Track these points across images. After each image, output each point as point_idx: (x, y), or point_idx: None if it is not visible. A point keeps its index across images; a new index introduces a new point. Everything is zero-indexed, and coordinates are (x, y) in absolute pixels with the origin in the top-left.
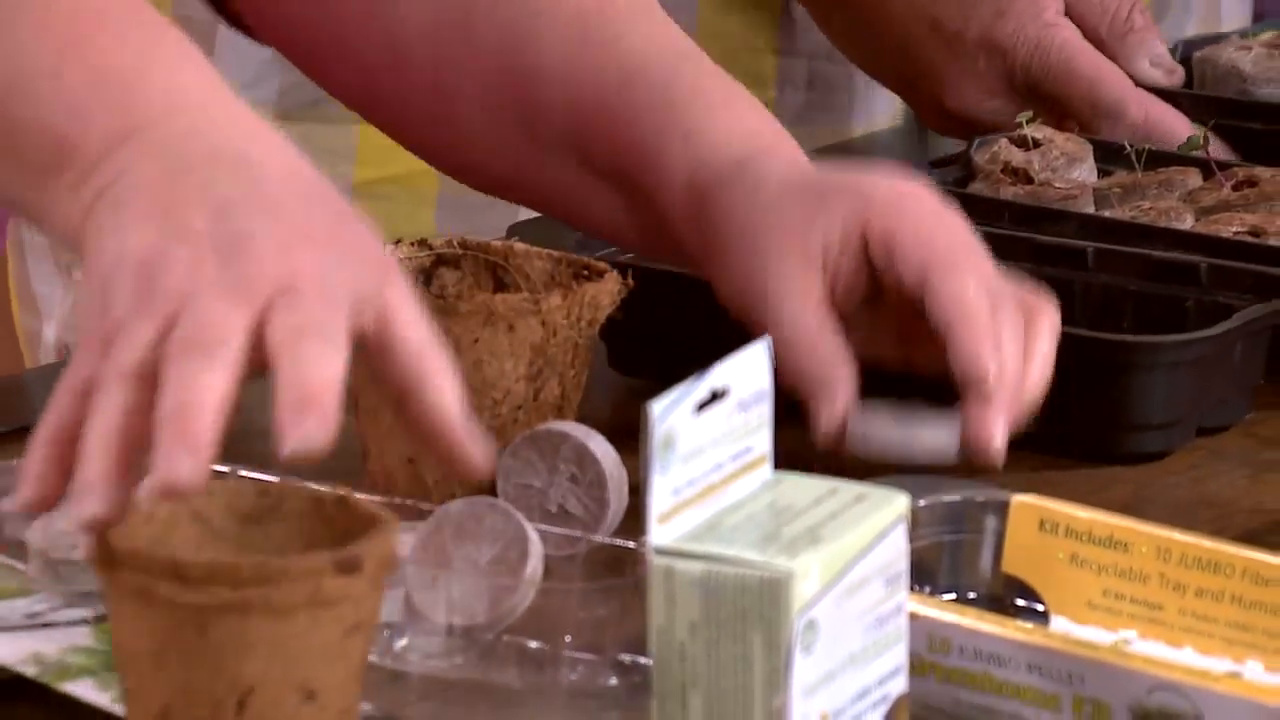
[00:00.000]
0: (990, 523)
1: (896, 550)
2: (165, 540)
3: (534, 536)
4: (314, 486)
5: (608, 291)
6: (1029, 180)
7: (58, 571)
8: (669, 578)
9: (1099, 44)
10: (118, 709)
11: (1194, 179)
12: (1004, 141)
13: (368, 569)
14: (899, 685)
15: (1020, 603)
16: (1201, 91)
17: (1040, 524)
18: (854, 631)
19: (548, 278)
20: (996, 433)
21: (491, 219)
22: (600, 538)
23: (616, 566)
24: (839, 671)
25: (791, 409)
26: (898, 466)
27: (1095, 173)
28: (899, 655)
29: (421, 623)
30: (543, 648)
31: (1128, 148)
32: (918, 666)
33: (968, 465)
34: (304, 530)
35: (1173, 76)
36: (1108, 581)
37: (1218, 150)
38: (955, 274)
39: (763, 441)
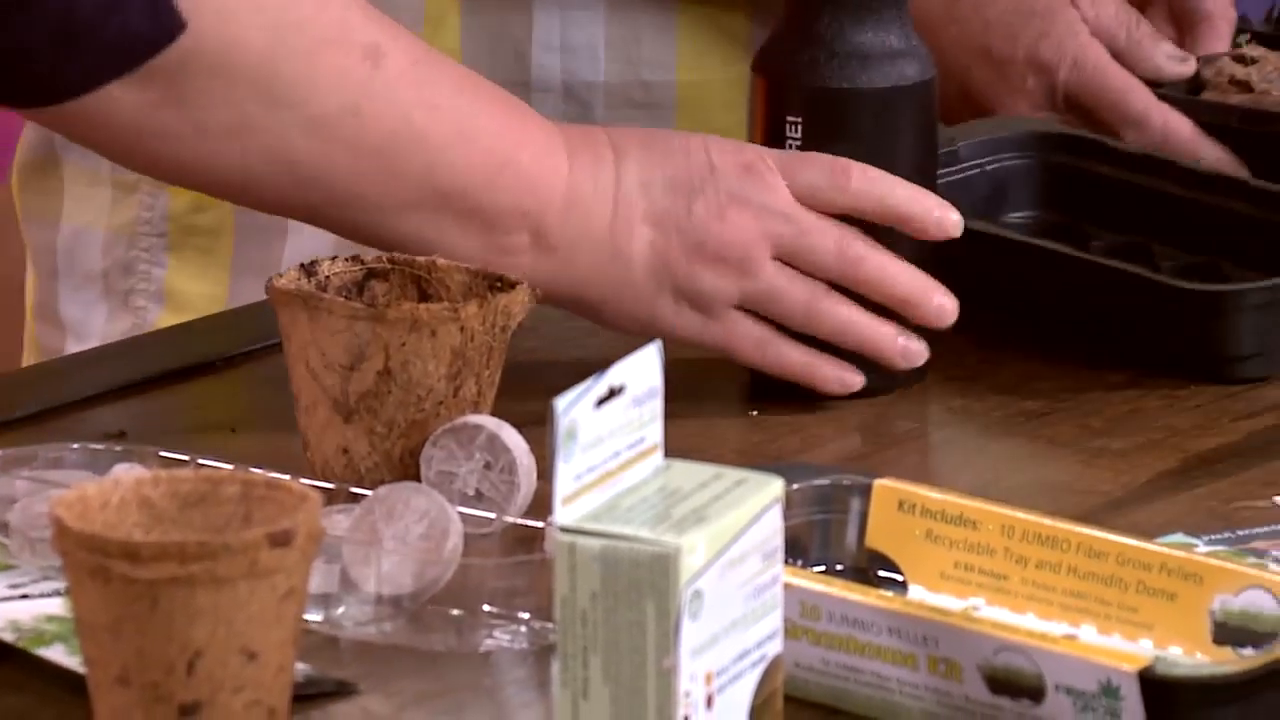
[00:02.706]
0: (855, 504)
1: (773, 528)
2: (118, 524)
3: (455, 517)
4: (247, 471)
5: (519, 301)
6: (1249, 89)
7: (35, 548)
8: (572, 553)
9: (1118, 55)
10: (84, 671)
11: None
12: (1226, 59)
13: (298, 542)
14: (775, 647)
15: (881, 574)
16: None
17: (899, 504)
18: (735, 600)
19: (466, 289)
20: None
21: None
22: (512, 518)
23: (527, 543)
24: (722, 635)
25: (678, 402)
26: (774, 455)
27: None
28: (775, 621)
29: (355, 593)
30: (463, 615)
31: None
32: (791, 630)
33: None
34: (239, 511)
35: (1186, 64)
36: (958, 555)
37: (1228, 162)
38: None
39: (655, 433)
